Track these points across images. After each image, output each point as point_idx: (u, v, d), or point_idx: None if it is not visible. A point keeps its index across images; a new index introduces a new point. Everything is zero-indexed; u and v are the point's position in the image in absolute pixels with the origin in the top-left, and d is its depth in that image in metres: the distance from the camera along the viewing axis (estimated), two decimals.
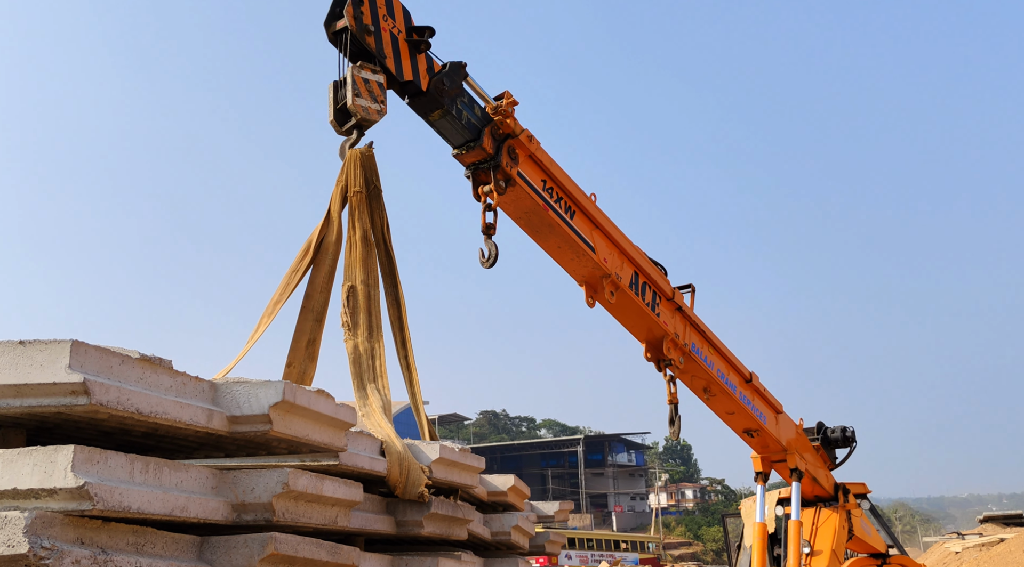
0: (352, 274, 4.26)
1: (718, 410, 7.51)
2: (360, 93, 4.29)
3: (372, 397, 4.03)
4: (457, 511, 3.96)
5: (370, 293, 4.24)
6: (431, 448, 3.96)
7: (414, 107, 4.76)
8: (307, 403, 2.86)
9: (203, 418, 2.51)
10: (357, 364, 4.09)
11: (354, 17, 4.26)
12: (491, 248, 4.98)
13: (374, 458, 3.58)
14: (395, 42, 4.48)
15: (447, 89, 4.68)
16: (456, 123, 4.78)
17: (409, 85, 4.58)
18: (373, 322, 4.21)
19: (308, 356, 4.31)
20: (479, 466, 4.37)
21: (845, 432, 9.20)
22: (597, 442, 76.85)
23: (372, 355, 4.13)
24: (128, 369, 2.22)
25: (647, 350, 6.58)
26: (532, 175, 5.27)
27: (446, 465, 4.00)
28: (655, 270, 6.39)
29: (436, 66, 4.70)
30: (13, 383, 1.99)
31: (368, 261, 4.30)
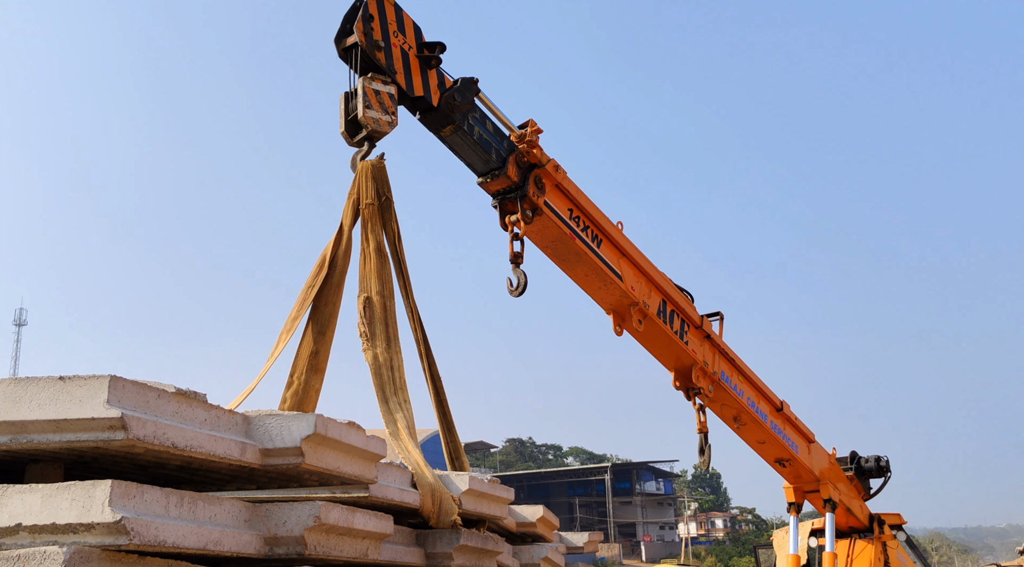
0: (367, 285, 4.22)
1: (749, 439, 7.43)
2: (371, 105, 4.29)
3: (397, 414, 3.97)
4: (487, 543, 3.94)
5: (386, 304, 4.20)
6: (460, 479, 3.94)
7: (425, 123, 4.75)
8: (338, 435, 2.87)
9: (236, 451, 2.53)
10: (379, 375, 4.03)
11: (364, 33, 4.27)
12: (520, 277, 4.99)
13: (404, 489, 3.58)
14: (405, 58, 4.49)
15: (458, 104, 4.67)
16: (468, 139, 4.78)
17: (420, 101, 4.59)
18: (391, 333, 4.16)
19: (311, 368, 4.25)
20: (508, 497, 4.34)
21: (879, 461, 9.05)
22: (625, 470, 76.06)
23: (392, 367, 4.07)
24: (164, 403, 2.24)
25: (676, 378, 6.54)
26: (559, 204, 5.29)
27: (475, 496, 3.98)
28: (682, 298, 6.36)
29: (447, 82, 4.71)
30: (53, 418, 2.02)
31: (383, 272, 4.26)
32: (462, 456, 4.58)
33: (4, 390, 2.05)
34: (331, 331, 4.32)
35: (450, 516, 3.64)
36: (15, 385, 2.06)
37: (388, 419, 3.94)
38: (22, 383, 2.06)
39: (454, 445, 4.53)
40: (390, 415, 3.95)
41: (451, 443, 4.53)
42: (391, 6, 4.43)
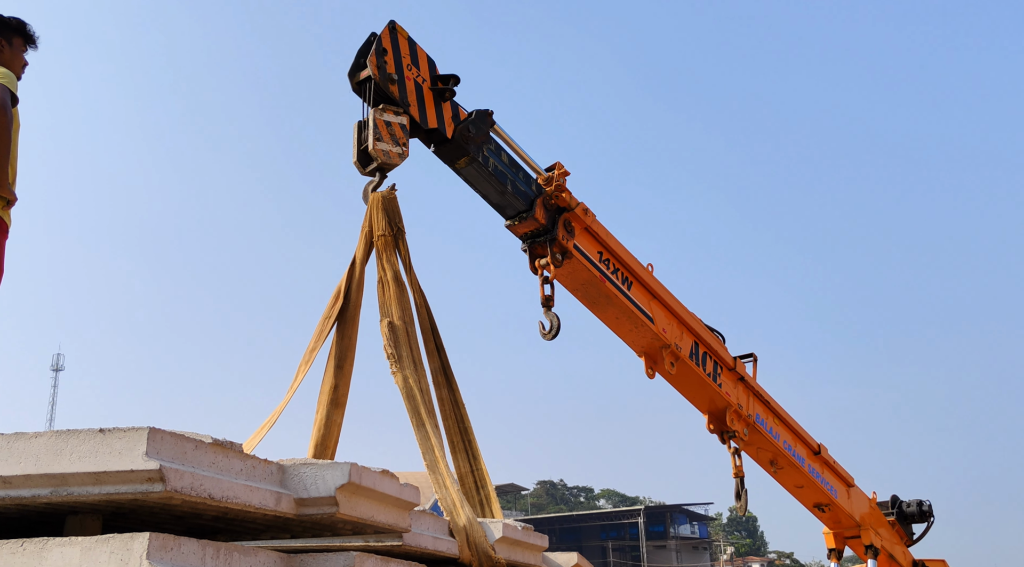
0: (388, 311, 4.20)
1: (786, 484, 7.31)
2: (382, 137, 4.31)
3: (433, 440, 3.92)
4: None
5: (408, 329, 4.18)
6: (495, 525, 3.89)
7: (440, 155, 4.78)
8: (372, 484, 2.86)
9: (272, 501, 2.53)
10: (411, 399, 3.98)
11: (378, 67, 4.32)
12: (552, 320, 4.98)
13: (438, 538, 3.55)
14: (419, 90, 4.53)
15: (473, 136, 4.70)
16: (483, 170, 4.79)
17: (434, 133, 4.62)
18: (416, 357, 4.14)
19: (332, 402, 4.24)
20: (543, 545, 4.27)
21: (922, 506, 8.82)
22: (658, 513, 74.89)
23: (422, 389, 4.05)
24: (201, 454, 2.25)
25: (710, 421, 6.47)
26: (588, 247, 5.30)
27: (509, 544, 3.93)
28: (715, 339, 6.32)
29: (462, 114, 4.74)
30: (93, 471, 2.04)
31: (402, 299, 4.25)
32: (491, 497, 4.49)
33: (46, 443, 2.07)
34: (349, 365, 4.32)
35: (490, 563, 3.59)
36: (56, 438, 2.08)
37: (426, 446, 3.88)
38: (63, 436, 2.08)
39: (481, 481, 4.42)
40: (427, 442, 3.90)
41: (478, 479, 4.42)
42: (404, 40, 4.50)
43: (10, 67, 3.69)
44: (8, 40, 3.76)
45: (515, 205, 4.97)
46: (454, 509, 3.69)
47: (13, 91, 3.55)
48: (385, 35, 4.40)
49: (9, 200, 3.58)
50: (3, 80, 3.52)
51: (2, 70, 3.58)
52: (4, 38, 3.74)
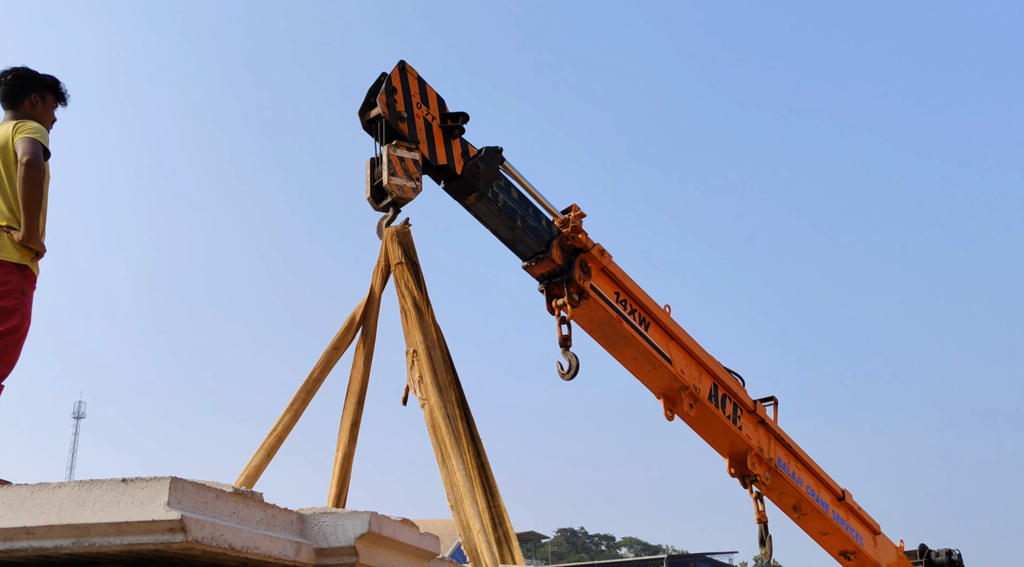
0: (412, 339, 4.23)
1: (811, 530, 7.17)
2: (395, 172, 4.38)
3: (460, 475, 3.86)
4: None
5: (431, 354, 4.19)
6: None
7: (450, 191, 4.84)
8: (392, 533, 2.84)
9: (292, 551, 2.51)
10: (437, 430, 3.98)
11: (387, 105, 4.41)
12: (571, 360, 4.98)
13: None
14: (429, 128, 4.61)
15: (482, 173, 4.76)
16: (492, 206, 4.85)
17: (444, 169, 4.69)
18: (441, 381, 4.14)
19: (351, 438, 4.30)
20: None
21: (951, 555, 8.61)
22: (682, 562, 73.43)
23: (448, 416, 4.02)
24: (222, 504, 2.25)
25: (731, 465, 6.39)
26: (605, 288, 5.32)
27: None
28: (734, 381, 6.27)
29: (472, 151, 4.82)
30: (115, 521, 2.04)
31: (423, 325, 4.28)
32: (510, 535, 4.36)
33: (68, 493, 2.08)
34: (364, 399, 4.35)
35: None
36: (79, 488, 2.09)
37: (451, 484, 3.86)
38: (86, 486, 2.09)
39: (499, 518, 4.30)
40: (453, 478, 3.86)
41: (496, 516, 4.32)
42: (414, 79, 4.59)
43: (42, 122, 3.79)
44: (42, 96, 3.88)
45: (527, 242, 5.02)
46: (477, 555, 3.64)
47: (46, 145, 3.65)
48: (395, 74, 4.50)
49: (39, 252, 3.64)
50: (36, 135, 3.62)
51: (36, 125, 3.69)
52: (39, 94, 3.86)
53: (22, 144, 3.56)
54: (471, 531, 3.73)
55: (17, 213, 3.57)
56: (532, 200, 5.06)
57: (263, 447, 4.25)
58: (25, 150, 3.54)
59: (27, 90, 3.84)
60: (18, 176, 3.52)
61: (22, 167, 3.52)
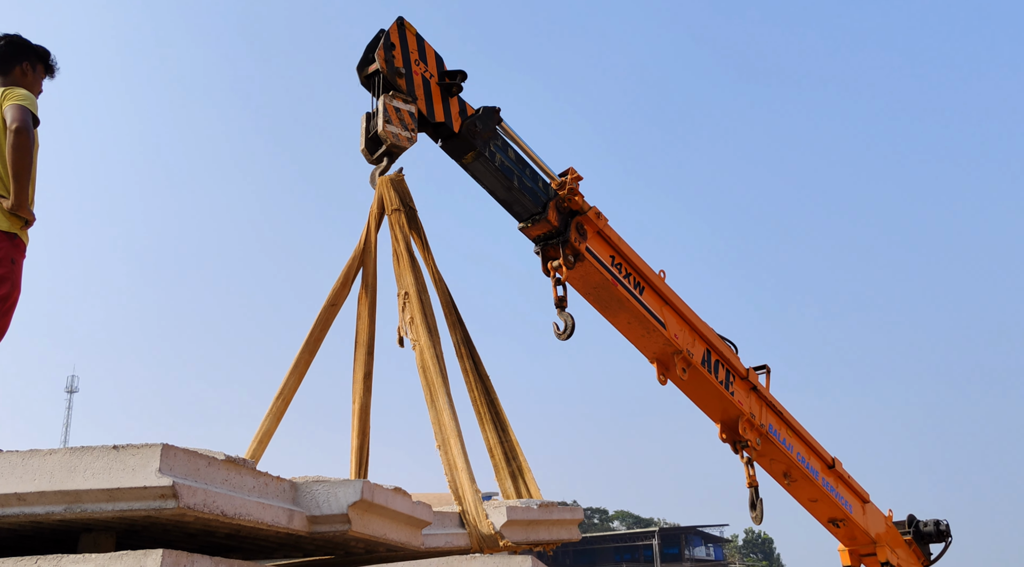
0: (404, 282, 4.21)
1: (800, 497, 7.24)
2: (391, 120, 4.39)
3: (447, 416, 3.85)
4: None
5: (422, 297, 4.18)
6: (498, 512, 3.71)
7: (447, 150, 4.86)
8: (385, 502, 2.85)
9: (284, 519, 2.53)
10: (426, 371, 3.97)
11: (385, 60, 4.42)
12: (567, 320, 5.02)
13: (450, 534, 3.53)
14: (426, 85, 4.62)
15: (480, 131, 4.79)
16: (489, 166, 4.87)
17: (441, 127, 4.71)
18: (432, 325, 4.12)
19: (365, 389, 4.28)
20: (574, 518, 4.16)
21: (939, 526, 8.71)
22: (673, 535, 74.21)
23: (436, 356, 4.01)
24: (214, 471, 2.26)
25: (722, 431, 6.44)
26: (601, 251, 5.34)
27: (523, 526, 3.77)
28: (727, 348, 6.31)
29: (469, 110, 4.83)
30: (106, 488, 2.04)
31: (415, 268, 4.26)
32: (524, 468, 4.28)
33: (60, 460, 2.08)
34: (373, 349, 4.35)
35: (496, 548, 3.54)
36: (70, 455, 2.09)
37: (438, 424, 3.86)
38: (77, 453, 2.09)
39: (512, 452, 4.27)
40: (440, 418, 3.86)
41: (508, 450, 4.27)
42: (412, 36, 4.59)
43: (31, 91, 3.76)
44: (33, 66, 3.85)
45: (523, 203, 5.03)
46: (462, 494, 3.64)
47: (35, 113, 3.62)
48: (393, 31, 4.50)
49: (28, 221, 3.62)
50: (26, 102, 3.59)
51: (25, 92, 3.66)
52: (30, 63, 3.84)
53: (11, 111, 3.53)
54: (456, 470, 3.73)
55: (6, 181, 3.54)
56: (529, 161, 5.08)
57: (271, 412, 4.26)
58: (15, 117, 3.51)
59: (18, 58, 3.81)
60: (7, 143, 3.50)
61: (11, 134, 3.49)
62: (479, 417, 4.27)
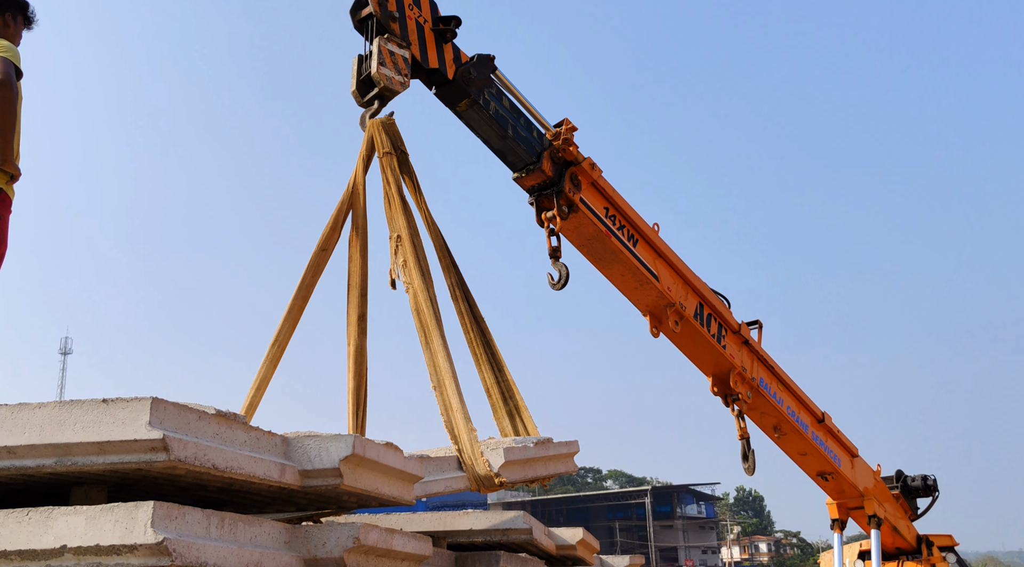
0: (396, 225, 4.20)
1: (790, 451, 7.32)
2: (385, 63, 4.36)
3: (441, 357, 3.89)
4: (527, 566, 3.91)
5: (415, 241, 4.18)
6: (495, 453, 3.76)
7: (441, 97, 4.83)
8: (376, 456, 2.87)
9: (276, 473, 2.54)
10: (419, 314, 3.99)
11: (379, 4, 4.37)
12: (561, 270, 5.03)
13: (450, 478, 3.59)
14: (420, 30, 4.58)
15: (474, 79, 4.75)
16: (484, 114, 4.84)
17: (435, 74, 4.68)
18: (424, 268, 4.14)
19: (360, 331, 4.30)
20: (570, 451, 4.21)
21: (926, 481, 8.83)
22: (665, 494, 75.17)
23: (430, 299, 4.03)
24: (204, 425, 2.26)
25: (714, 384, 6.48)
26: (595, 202, 5.33)
27: (520, 465, 3.82)
28: (719, 302, 6.33)
29: (464, 57, 4.80)
30: (96, 441, 2.05)
31: (407, 211, 4.25)
32: (521, 406, 4.35)
33: (49, 413, 2.08)
34: (367, 291, 4.36)
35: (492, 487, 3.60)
36: (59, 408, 2.09)
37: (432, 365, 3.90)
38: (66, 406, 2.09)
39: (508, 391, 4.34)
40: (434, 360, 3.90)
41: (505, 390, 4.34)
42: None
43: (12, 43, 3.69)
44: (14, 17, 3.78)
45: (518, 152, 5.01)
46: (457, 434, 3.69)
47: (18, 65, 3.56)
48: None
49: (13, 175, 3.58)
50: (8, 54, 3.52)
51: (7, 43, 3.59)
52: (12, 14, 3.77)
53: None
54: (452, 410, 3.76)
55: None
56: (524, 111, 5.05)
57: (267, 359, 4.28)
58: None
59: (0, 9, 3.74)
60: None
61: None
62: (475, 358, 4.31)
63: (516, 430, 4.32)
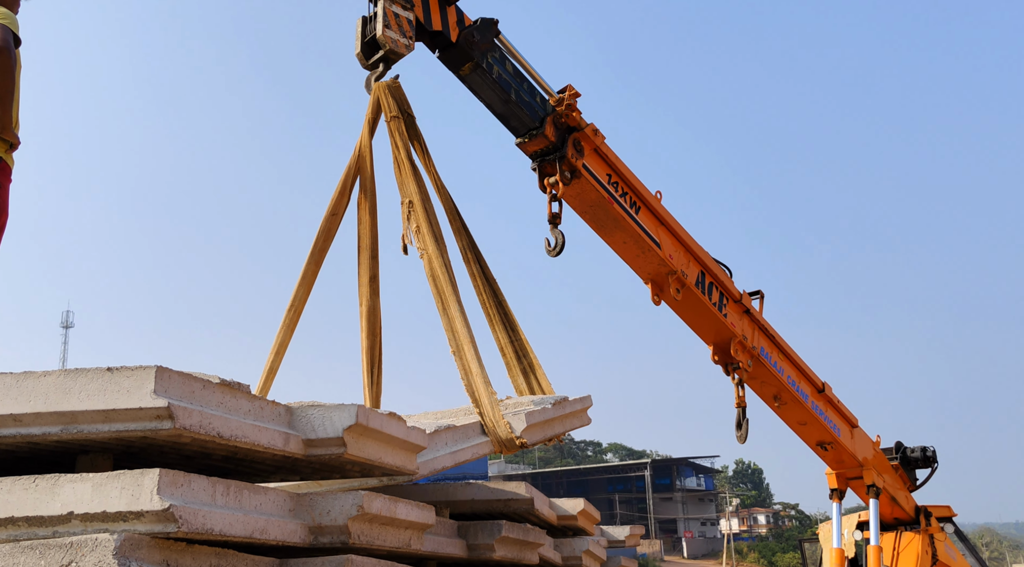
0: (407, 190, 4.21)
1: (789, 420, 7.34)
2: (390, 25, 4.35)
3: (459, 323, 3.92)
4: (528, 535, 3.94)
5: (426, 206, 4.19)
6: (517, 418, 3.85)
7: (444, 61, 4.82)
8: (379, 426, 2.88)
9: (280, 441, 2.55)
10: (436, 280, 4.01)
11: None
12: (557, 236, 5.04)
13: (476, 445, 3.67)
14: None
15: (478, 42, 4.74)
16: (487, 78, 4.84)
17: (438, 37, 4.67)
18: (437, 232, 4.16)
19: (373, 291, 4.36)
20: (584, 407, 4.33)
21: (925, 452, 8.87)
22: (665, 466, 75.66)
23: (445, 265, 4.06)
24: (209, 393, 2.27)
25: (714, 353, 6.49)
26: (597, 169, 5.32)
27: (540, 427, 3.93)
28: (721, 271, 6.32)
29: (467, 20, 4.79)
30: (102, 409, 2.06)
31: (417, 176, 4.26)
32: (535, 365, 4.47)
33: (54, 381, 2.09)
34: (377, 252, 4.42)
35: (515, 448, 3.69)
36: (64, 377, 2.10)
37: (451, 331, 3.94)
38: (71, 374, 2.10)
39: (523, 350, 4.44)
40: (453, 325, 3.94)
41: (519, 349, 4.43)
42: None
43: (10, 9, 3.65)
44: None
45: (521, 117, 5.00)
46: (478, 397, 3.76)
47: (16, 32, 3.52)
48: None
49: (12, 143, 3.56)
50: (5, 20, 3.48)
51: (5, 11, 3.55)
52: None
53: None
54: (472, 375, 3.83)
55: None
56: (527, 76, 5.03)
57: (284, 324, 4.34)
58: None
59: None
60: None
61: None
62: (489, 319, 4.39)
63: (531, 387, 4.43)
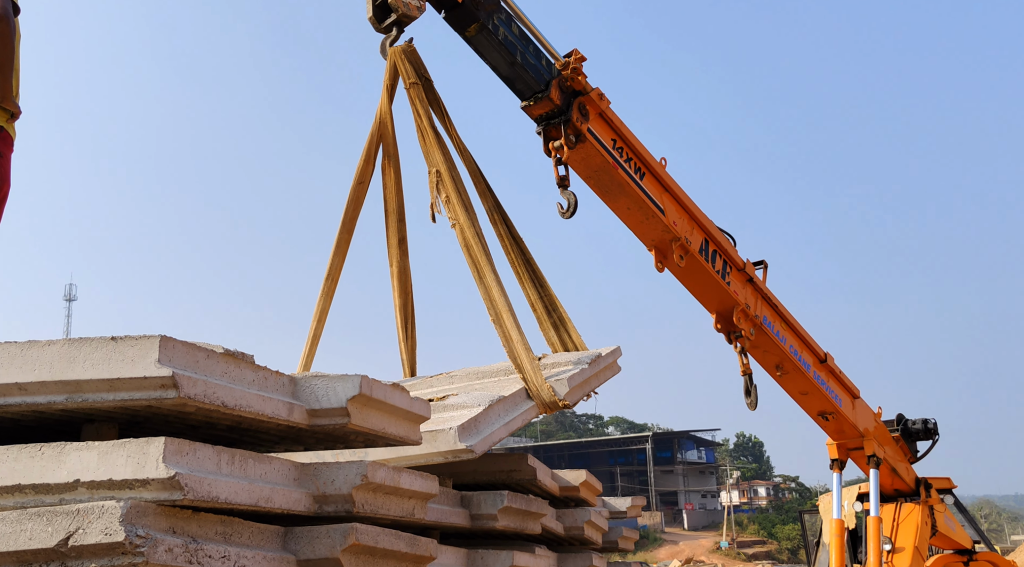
0: (433, 160, 4.24)
1: (791, 390, 7.35)
2: None
3: (496, 291, 3.98)
4: (531, 505, 3.97)
5: (454, 175, 4.24)
6: (559, 383, 3.94)
7: (450, 21, 4.82)
8: (383, 397, 2.89)
9: (284, 411, 2.56)
10: (469, 249, 4.06)
11: None
12: (569, 198, 5.05)
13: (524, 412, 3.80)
14: None
15: (483, 3, 4.73)
16: (493, 39, 4.83)
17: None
18: (466, 201, 4.21)
19: (402, 253, 4.54)
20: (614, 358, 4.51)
21: (927, 424, 8.90)
22: (666, 439, 76.14)
23: (477, 234, 4.11)
24: (213, 363, 2.28)
25: (717, 321, 6.49)
26: (603, 133, 5.32)
27: (579, 387, 4.06)
28: (725, 240, 6.32)
29: None
30: (106, 378, 2.06)
31: (442, 144, 4.31)
32: (565, 318, 4.62)
33: (59, 351, 2.10)
34: (404, 216, 4.52)
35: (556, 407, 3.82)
36: (69, 346, 2.10)
37: (489, 299, 4.01)
38: (76, 343, 2.11)
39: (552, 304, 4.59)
40: (490, 294, 4.01)
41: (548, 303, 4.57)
42: None
43: None
44: None
45: (526, 80, 4.99)
46: (520, 363, 3.84)
47: (15, 0, 3.49)
48: None
49: (13, 113, 3.54)
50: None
51: None
52: None
53: None
54: (512, 342, 3.89)
55: None
56: (533, 39, 5.01)
57: (323, 293, 4.51)
58: None
59: None
60: None
61: None
62: (518, 277, 4.53)
63: (561, 339, 4.60)
